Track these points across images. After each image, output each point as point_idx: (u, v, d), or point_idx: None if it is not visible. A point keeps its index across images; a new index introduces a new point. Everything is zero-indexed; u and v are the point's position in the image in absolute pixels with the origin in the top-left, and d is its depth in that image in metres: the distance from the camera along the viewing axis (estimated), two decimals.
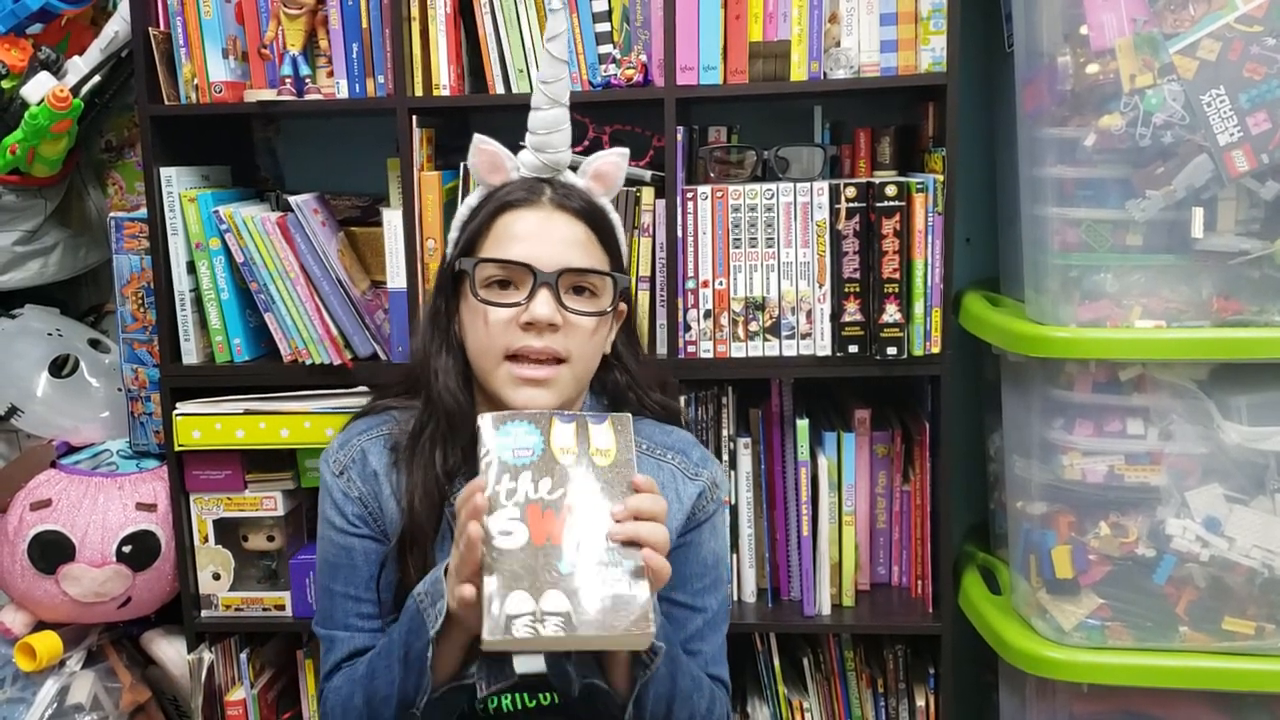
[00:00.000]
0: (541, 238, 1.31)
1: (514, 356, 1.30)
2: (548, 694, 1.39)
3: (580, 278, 1.33)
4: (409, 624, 1.26)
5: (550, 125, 1.35)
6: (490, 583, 1.10)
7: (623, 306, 1.40)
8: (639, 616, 1.11)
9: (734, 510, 1.92)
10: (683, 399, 1.87)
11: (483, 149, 1.37)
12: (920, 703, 1.93)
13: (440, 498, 1.34)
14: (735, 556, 1.94)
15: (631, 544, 1.14)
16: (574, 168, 1.42)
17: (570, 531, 1.13)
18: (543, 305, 1.28)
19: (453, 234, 1.41)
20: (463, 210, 1.40)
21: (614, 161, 1.39)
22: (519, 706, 1.39)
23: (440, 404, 1.35)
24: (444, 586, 1.22)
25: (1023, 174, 1.71)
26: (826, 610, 1.92)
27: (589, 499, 1.15)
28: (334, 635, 1.40)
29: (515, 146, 1.81)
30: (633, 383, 1.45)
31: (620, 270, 1.39)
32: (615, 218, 1.41)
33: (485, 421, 1.18)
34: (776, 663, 1.93)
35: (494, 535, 1.12)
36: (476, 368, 1.35)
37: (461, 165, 1.87)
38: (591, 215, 1.35)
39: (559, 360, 1.31)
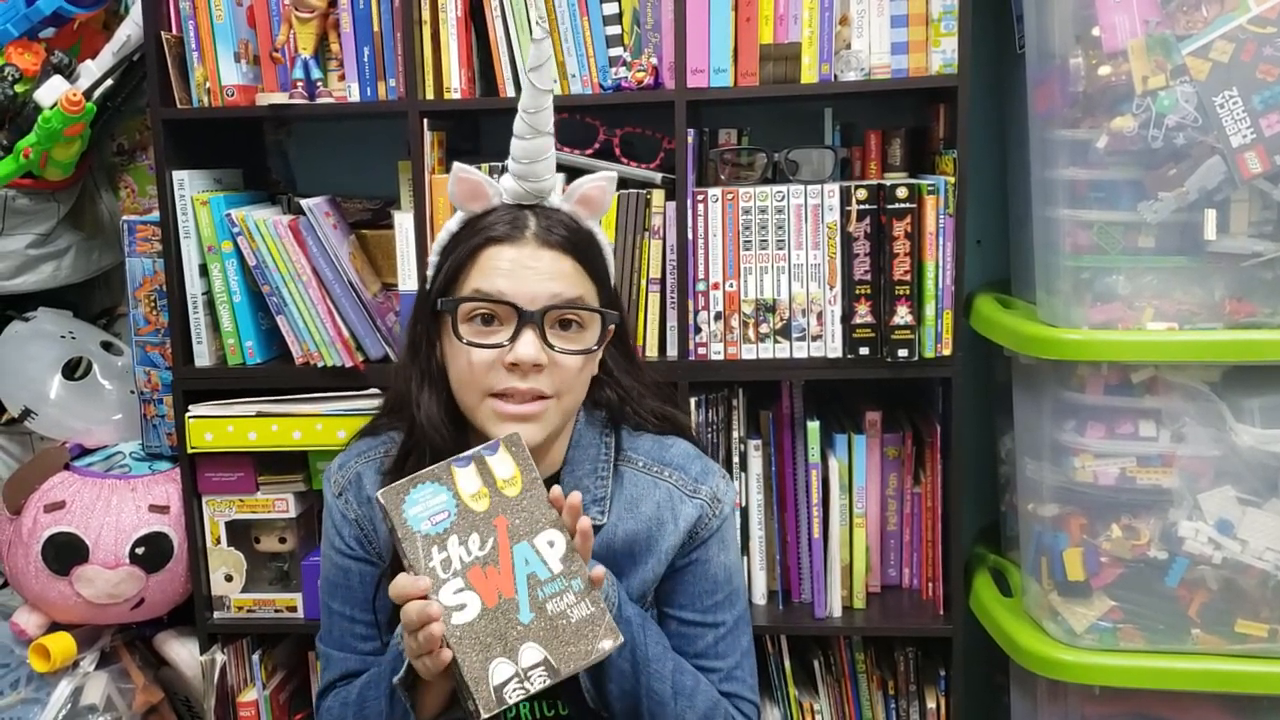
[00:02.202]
0: (525, 274, 1.26)
1: (498, 394, 1.27)
2: (564, 704, 1.39)
3: (566, 315, 1.28)
4: (393, 663, 1.26)
5: (534, 155, 1.28)
6: (466, 662, 1.12)
7: (611, 327, 1.36)
8: (605, 629, 1.16)
9: (744, 512, 1.92)
10: (693, 401, 1.87)
11: (463, 178, 1.30)
12: (931, 705, 1.92)
13: None
14: (746, 558, 1.94)
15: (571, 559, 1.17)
16: (571, 172, 1.38)
17: (517, 578, 1.16)
18: (527, 346, 1.24)
19: (432, 257, 1.36)
20: (442, 236, 1.34)
21: (600, 186, 1.33)
22: (536, 715, 1.40)
23: (424, 438, 1.32)
24: None
25: (1034, 176, 1.70)
26: (837, 612, 1.92)
27: (518, 537, 1.17)
28: (330, 654, 1.41)
29: None
30: (626, 397, 1.42)
31: (608, 298, 1.34)
32: (603, 239, 1.36)
33: (386, 499, 1.16)
34: (787, 664, 1.93)
35: (449, 613, 1.13)
36: (460, 401, 1.32)
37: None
38: (577, 246, 1.30)
39: (545, 398, 1.27)
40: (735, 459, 1.92)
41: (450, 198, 1.32)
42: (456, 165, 1.31)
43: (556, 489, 1.19)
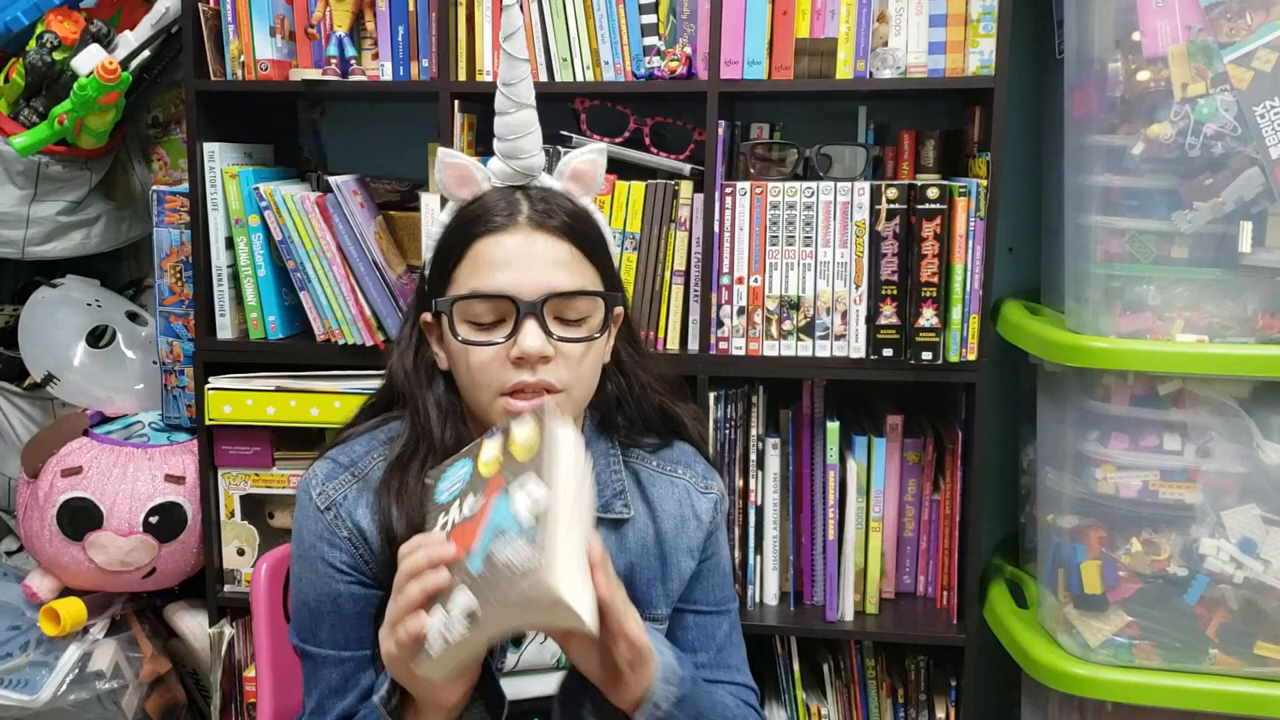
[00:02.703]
0: (522, 263, 1.19)
1: (509, 391, 1.19)
2: None
3: (568, 302, 1.20)
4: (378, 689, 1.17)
5: (518, 129, 1.22)
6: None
7: (619, 311, 1.30)
8: (536, 570, 0.95)
9: (759, 511, 1.91)
10: (712, 396, 1.85)
11: (449, 163, 1.23)
12: (941, 715, 1.90)
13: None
14: (759, 558, 1.92)
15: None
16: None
17: (484, 530, 1.02)
18: (531, 338, 1.17)
19: (426, 254, 1.28)
20: (435, 230, 1.27)
21: (591, 160, 1.27)
22: None
23: (431, 438, 1.25)
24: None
25: (1068, 181, 1.68)
26: (849, 616, 1.90)
27: (500, 492, 1.05)
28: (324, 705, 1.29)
29: (555, 136, 1.83)
30: (628, 392, 1.34)
31: (611, 284, 1.27)
32: (599, 219, 1.29)
33: (430, 477, 1.13)
34: (796, 667, 1.92)
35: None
36: (469, 402, 1.25)
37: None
38: (574, 229, 1.22)
39: (554, 391, 1.20)
40: (753, 456, 1.90)
41: (438, 185, 1.26)
42: (441, 151, 1.25)
43: (597, 546, 1.06)
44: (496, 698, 1.19)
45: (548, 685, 1.27)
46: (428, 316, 1.25)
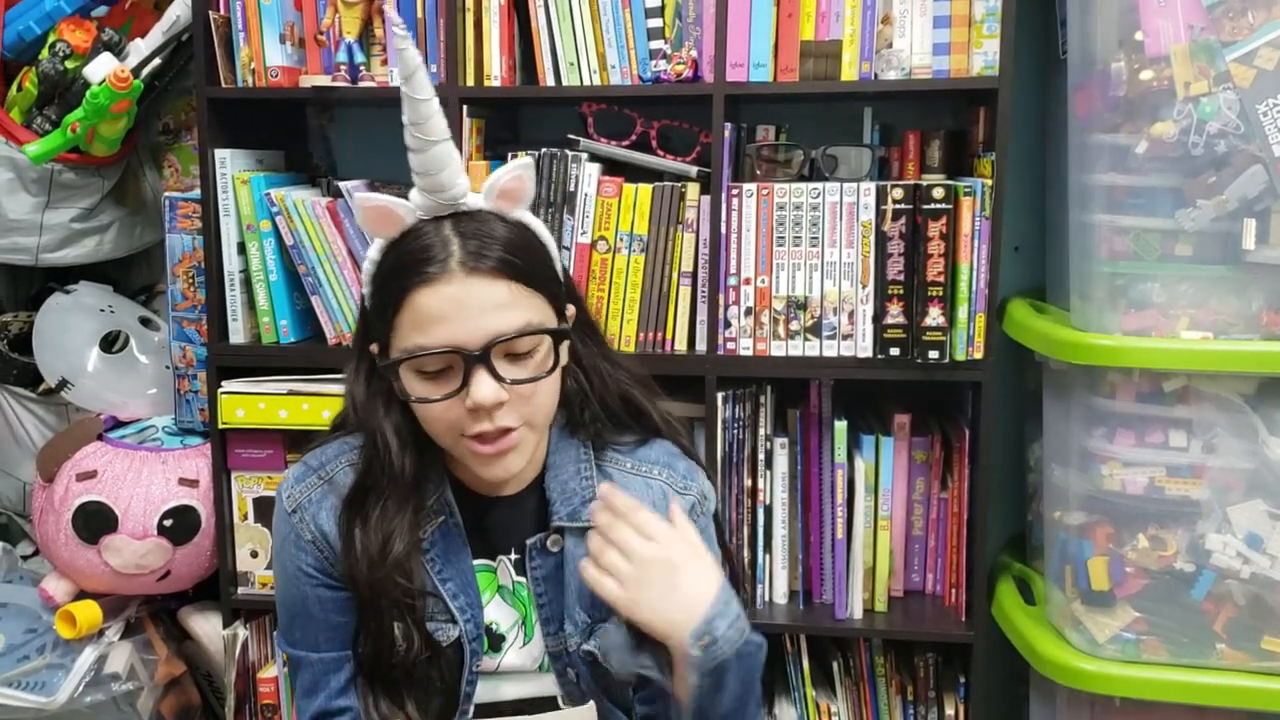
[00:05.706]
0: (461, 313, 1.14)
1: (472, 435, 1.18)
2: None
3: (514, 341, 1.16)
4: None
5: (434, 166, 1.15)
6: None
7: (570, 310, 1.26)
8: None
9: (768, 511, 1.92)
10: (720, 396, 1.87)
11: (368, 207, 1.18)
12: (950, 711, 1.91)
13: (385, 562, 1.22)
14: (768, 557, 1.94)
15: None
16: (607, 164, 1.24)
17: None
18: (483, 388, 1.14)
19: (364, 288, 1.24)
20: (367, 266, 1.22)
21: (517, 177, 1.20)
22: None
23: (390, 469, 1.23)
24: None
25: (1072, 180, 1.69)
26: (858, 614, 1.91)
27: None
28: (303, 707, 1.31)
29: (563, 140, 1.85)
30: (588, 385, 1.31)
31: (555, 297, 1.22)
32: (535, 227, 1.23)
33: None
34: (806, 665, 1.93)
35: None
36: (437, 442, 1.24)
37: (509, 155, 1.89)
38: (510, 264, 1.16)
39: (514, 430, 1.19)
40: (761, 456, 1.91)
41: (361, 226, 1.20)
42: (358, 195, 1.20)
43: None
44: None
45: (528, 688, 1.30)
46: (375, 347, 1.23)
